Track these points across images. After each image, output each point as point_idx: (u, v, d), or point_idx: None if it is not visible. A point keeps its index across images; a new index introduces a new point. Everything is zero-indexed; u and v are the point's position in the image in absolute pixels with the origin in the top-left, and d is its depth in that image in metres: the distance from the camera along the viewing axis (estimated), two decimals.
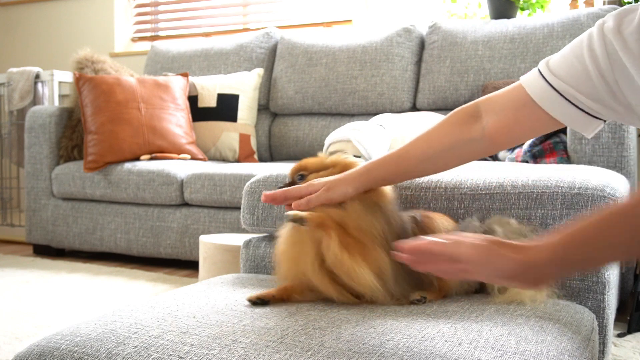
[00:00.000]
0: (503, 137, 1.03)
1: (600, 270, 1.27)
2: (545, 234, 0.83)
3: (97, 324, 0.98)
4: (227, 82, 3.35)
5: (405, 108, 3.09)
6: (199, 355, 0.85)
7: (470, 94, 2.91)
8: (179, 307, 1.06)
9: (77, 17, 4.59)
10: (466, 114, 1.05)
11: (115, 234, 3.06)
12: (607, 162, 1.96)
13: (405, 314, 1.05)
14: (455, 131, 1.05)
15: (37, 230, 3.33)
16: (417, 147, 1.07)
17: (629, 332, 1.93)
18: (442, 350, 0.86)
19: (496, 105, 1.03)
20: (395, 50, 3.12)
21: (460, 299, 1.16)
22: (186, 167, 2.96)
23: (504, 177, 1.33)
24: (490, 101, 1.04)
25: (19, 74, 3.70)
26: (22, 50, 4.80)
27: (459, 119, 1.05)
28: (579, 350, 0.96)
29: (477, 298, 1.17)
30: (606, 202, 1.23)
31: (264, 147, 3.46)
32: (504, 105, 1.02)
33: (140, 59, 4.19)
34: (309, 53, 3.34)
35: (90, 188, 3.08)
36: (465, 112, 1.06)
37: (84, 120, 3.10)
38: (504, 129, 1.02)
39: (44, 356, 0.90)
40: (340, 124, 2.99)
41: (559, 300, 1.20)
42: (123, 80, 3.16)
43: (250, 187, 1.53)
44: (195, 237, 2.85)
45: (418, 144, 1.07)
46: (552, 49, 2.75)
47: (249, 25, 4.24)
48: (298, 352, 0.85)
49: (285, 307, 1.08)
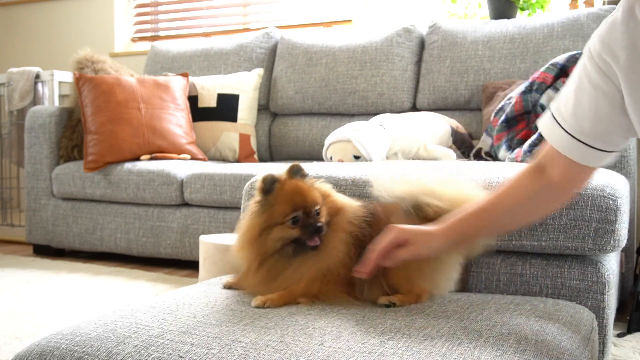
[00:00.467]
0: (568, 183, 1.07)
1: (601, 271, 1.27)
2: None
3: (97, 323, 0.98)
4: (227, 82, 3.35)
5: (405, 108, 3.09)
6: (199, 354, 0.85)
7: (470, 94, 2.91)
8: (179, 307, 1.06)
9: (77, 17, 4.59)
10: (533, 169, 1.09)
11: (115, 234, 3.06)
12: None
13: (405, 313, 1.05)
14: (528, 185, 1.09)
15: (37, 230, 3.33)
16: (501, 201, 1.11)
17: (629, 332, 1.93)
18: (442, 350, 0.86)
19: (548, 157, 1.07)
20: (395, 50, 3.12)
21: (460, 299, 1.16)
22: (186, 167, 2.96)
23: (504, 177, 1.33)
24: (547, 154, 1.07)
25: (19, 74, 3.70)
26: (22, 50, 4.80)
27: (529, 174, 1.10)
28: (579, 349, 0.96)
29: (477, 298, 1.17)
30: (605, 202, 1.23)
31: (264, 147, 3.46)
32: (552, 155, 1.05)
33: (140, 59, 4.19)
34: (309, 53, 3.34)
35: (90, 188, 3.08)
36: (532, 167, 1.10)
37: (84, 120, 3.10)
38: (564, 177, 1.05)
39: (45, 356, 0.90)
40: (340, 124, 2.99)
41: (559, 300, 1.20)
42: (123, 80, 3.16)
43: (250, 187, 1.53)
44: (195, 237, 2.85)
45: (501, 199, 1.11)
46: (552, 49, 2.75)
47: (249, 25, 4.24)
48: (298, 352, 0.85)
49: (286, 307, 1.08)
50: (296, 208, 1.12)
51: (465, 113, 2.94)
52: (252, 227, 1.15)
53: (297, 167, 1.17)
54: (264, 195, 1.14)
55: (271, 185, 1.14)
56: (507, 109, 2.31)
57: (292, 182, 1.16)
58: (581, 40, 2.71)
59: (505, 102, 2.40)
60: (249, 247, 1.15)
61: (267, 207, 1.13)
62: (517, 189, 1.10)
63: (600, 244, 1.23)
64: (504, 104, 2.40)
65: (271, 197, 1.13)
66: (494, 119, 2.40)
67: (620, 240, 1.26)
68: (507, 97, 2.44)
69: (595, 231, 1.23)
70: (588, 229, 1.23)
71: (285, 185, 1.15)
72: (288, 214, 1.12)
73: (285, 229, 1.12)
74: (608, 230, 1.23)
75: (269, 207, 1.13)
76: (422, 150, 2.36)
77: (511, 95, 2.41)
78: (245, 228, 1.16)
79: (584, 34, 2.71)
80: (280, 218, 1.12)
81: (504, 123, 2.28)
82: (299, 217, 1.12)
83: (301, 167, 1.18)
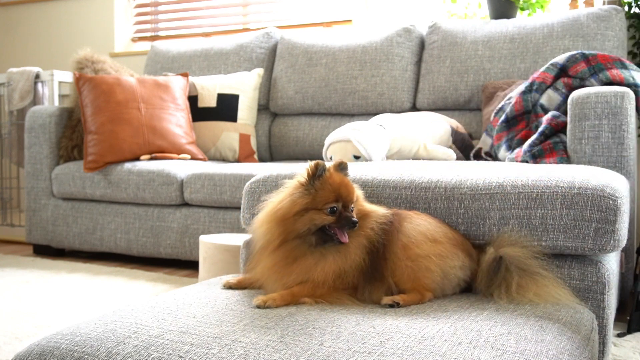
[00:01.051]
0: None
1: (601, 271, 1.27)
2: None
3: (97, 323, 0.98)
4: (227, 82, 3.35)
5: (405, 108, 3.09)
6: (199, 354, 0.85)
7: (470, 94, 2.91)
8: (179, 307, 1.06)
9: (77, 17, 4.59)
10: None
11: (115, 234, 3.06)
12: (607, 162, 1.96)
13: (405, 313, 1.05)
14: None
15: (37, 230, 3.33)
16: None
17: (629, 332, 1.93)
18: (442, 350, 0.86)
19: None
20: (395, 50, 3.12)
21: (460, 298, 1.16)
22: (186, 167, 2.96)
23: (504, 177, 1.33)
24: None
25: (19, 74, 3.70)
26: (22, 50, 4.80)
27: None
28: (579, 349, 0.96)
29: (477, 298, 1.17)
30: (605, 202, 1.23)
31: (264, 147, 3.46)
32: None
33: (140, 59, 4.20)
34: (309, 53, 3.34)
35: (90, 188, 3.08)
36: None
37: (84, 120, 3.10)
38: None
39: (45, 355, 0.90)
40: (340, 124, 2.99)
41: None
42: (123, 80, 3.16)
43: (250, 187, 1.53)
44: (195, 237, 2.85)
45: None
46: (552, 49, 2.75)
47: (249, 25, 4.24)
48: (298, 352, 0.85)
49: (285, 307, 1.08)
50: (339, 199, 1.17)
51: (465, 113, 2.94)
52: (290, 205, 1.17)
53: (344, 164, 1.23)
54: (311, 180, 1.18)
55: (322, 172, 1.18)
56: (507, 109, 2.31)
57: (339, 175, 1.20)
58: (581, 40, 2.71)
59: (505, 102, 2.40)
60: (278, 223, 1.17)
61: (312, 191, 1.17)
62: None
63: (600, 244, 1.23)
64: (504, 104, 2.40)
65: (317, 183, 1.17)
66: (494, 119, 2.40)
67: (620, 240, 1.26)
68: (507, 97, 2.44)
69: (595, 231, 1.23)
70: (588, 229, 1.23)
71: (334, 176, 1.19)
72: (330, 202, 1.16)
73: (320, 214, 1.16)
74: (608, 230, 1.23)
75: (314, 192, 1.17)
76: (422, 150, 2.36)
77: (511, 95, 2.41)
78: (282, 205, 1.18)
79: (584, 34, 2.71)
80: (321, 204, 1.16)
81: (504, 123, 2.28)
82: (337, 208, 1.16)
83: (347, 166, 1.24)
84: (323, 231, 1.16)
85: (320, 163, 1.18)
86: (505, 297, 1.14)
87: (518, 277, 1.16)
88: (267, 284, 1.18)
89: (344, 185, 1.19)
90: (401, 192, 1.37)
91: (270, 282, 1.17)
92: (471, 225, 1.30)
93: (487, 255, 1.21)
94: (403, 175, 1.41)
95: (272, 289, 1.16)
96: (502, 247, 1.22)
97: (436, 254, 1.17)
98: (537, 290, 1.14)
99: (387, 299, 1.11)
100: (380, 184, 1.40)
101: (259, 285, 1.22)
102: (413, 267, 1.15)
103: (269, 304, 1.08)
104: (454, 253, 1.19)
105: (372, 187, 1.40)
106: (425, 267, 1.15)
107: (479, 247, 1.27)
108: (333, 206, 1.16)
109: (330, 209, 1.16)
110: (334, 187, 1.17)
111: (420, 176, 1.39)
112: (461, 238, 1.25)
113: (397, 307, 1.10)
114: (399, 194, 1.37)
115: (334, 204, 1.16)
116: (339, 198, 1.17)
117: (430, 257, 1.16)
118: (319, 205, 1.16)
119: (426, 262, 1.16)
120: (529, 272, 1.17)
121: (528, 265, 1.18)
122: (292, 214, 1.16)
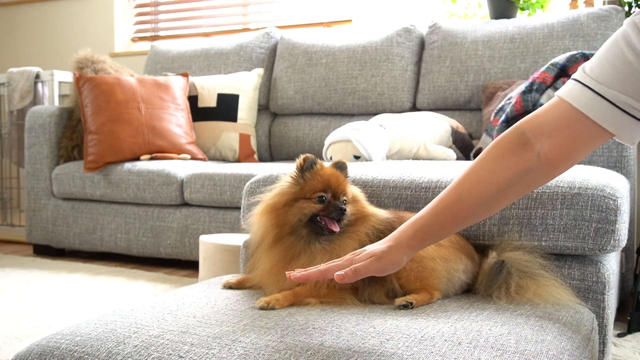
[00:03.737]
0: (562, 159, 0.94)
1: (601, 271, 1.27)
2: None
3: (97, 323, 0.98)
4: (227, 82, 3.35)
5: (405, 108, 3.09)
6: (199, 354, 0.85)
7: (470, 94, 2.91)
8: (179, 307, 1.06)
9: (77, 17, 4.59)
10: (511, 142, 0.96)
11: (115, 234, 3.06)
12: (607, 162, 1.96)
13: (405, 313, 1.05)
14: (507, 165, 0.95)
15: (37, 230, 3.33)
16: (470, 192, 0.97)
17: (629, 332, 1.93)
18: (442, 350, 0.86)
19: (545, 126, 0.94)
20: (395, 50, 3.12)
21: (460, 298, 1.16)
22: (186, 167, 2.96)
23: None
24: (534, 123, 0.95)
25: (19, 74, 3.70)
26: (22, 50, 4.80)
27: (506, 150, 0.96)
28: (579, 349, 0.96)
29: (477, 298, 1.17)
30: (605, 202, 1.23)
31: (264, 147, 3.46)
32: (554, 125, 0.93)
33: (140, 59, 4.19)
34: (309, 53, 3.34)
35: (90, 188, 3.08)
36: (510, 141, 0.96)
37: (84, 120, 3.10)
38: (561, 150, 0.93)
39: (45, 355, 0.90)
40: (340, 124, 2.99)
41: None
42: (123, 80, 3.16)
43: (250, 187, 1.53)
44: (195, 237, 2.85)
45: (469, 189, 0.97)
46: (552, 49, 2.75)
47: (249, 25, 4.24)
48: (298, 352, 0.85)
49: (285, 307, 1.08)
50: (327, 189, 1.17)
51: (465, 113, 2.94)
52: (280, 195, 1.18)
53: (344, 164, 1.23)
54: (300, 172, 1.18)
55: (310, 165, 1.18)
56: (507, 109, 2.31)
57: (331, 169, 1.21)
58: (581, 40, 2.71)
59: (505, 102, 2.40)
60: (270, 214, 1.18)
61: (301, 182, 1.17)
62: (493, 173, 0.96)
63: (600, 244, 1.23)
64: (504, 104, 2.40)
65: (307, 175, 1.18)
66: (494, 119, 2.40)
67: (620, 240, 1.26)
68: (507, 97, 2.44)
69: (595, 231, 1.23)
70: (588, 229, 1.23)
71: (325, 169, 1.20)
72: (317, 191, 1.16)
73: (309, 203, 1.16)
74: (608, 230, 1.23)
75: (303, 182, 1.17)
76: (422, 150, 2.36)
77: (511, 95, 2.41)
78: (272, 196, 1.19)
79: (584, 34, 2.71)
80: (309, 193, 1.16)
81: (504, 123, 2.28)
82: (326, 197, 1.16)
83: (345, 165, 1.24)
84: (314, 222, 1.15)
85: (309, 156, 1.18)
86: (504, 297, 1.14)
87: (518, 278, 1.16)
88: (267, 285, 1.18)
89: (334, 176, 1.19)
90: (401, 192, 1.37)
91: (269, 283, 1.17)
92: (471, 225, 1.30)
93: (489, 259, 1.21)
94: (403, 175, 1.41)
95: (272, 290, 1.16)
96: (505, 252, 1.22)
97: (440, 256, 1.17)
98: (537, 290, 1.14)
99: (400, 300, 1.10)
100: (380, 184, 1.40)
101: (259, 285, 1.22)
102: (419, 267, 1.15)
103: (272, 304, 1.08)
104: (457, 256, 1.19)
105: (372, 187, 1.40)
106: (431, 267, 1.15)
107: (480, 249, 1.27)
108: (321, 195, 1.16)
109: (318, 198, 1.15)
110: (323, 178, 1.17)
111: (420, 176, 1.39)
112: (464, 241, 1.25)
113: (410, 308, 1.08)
114: (399, 194, 1.37)
115: (322, 192, 1.16)
116: (327, 188, 1.17)
117: (435, 259, 1.16)
118: (307, 194, 1.16)
119: (432, 264, 1.15)
120: (530, 273, 1.17)
121: (529, 267, 1.17)
122: (281, 204, 1.16)
